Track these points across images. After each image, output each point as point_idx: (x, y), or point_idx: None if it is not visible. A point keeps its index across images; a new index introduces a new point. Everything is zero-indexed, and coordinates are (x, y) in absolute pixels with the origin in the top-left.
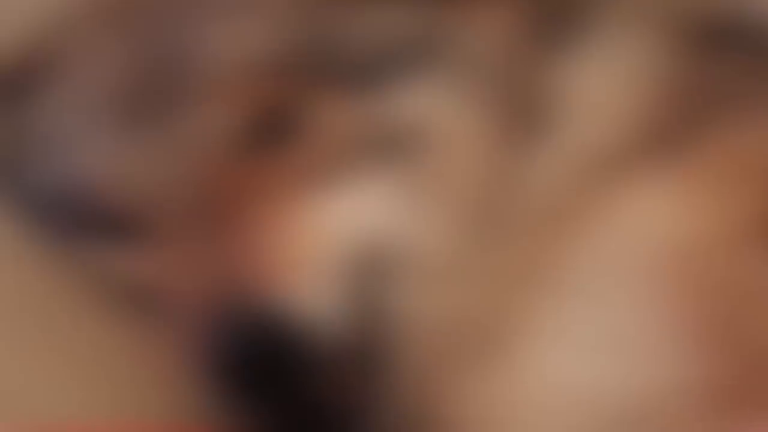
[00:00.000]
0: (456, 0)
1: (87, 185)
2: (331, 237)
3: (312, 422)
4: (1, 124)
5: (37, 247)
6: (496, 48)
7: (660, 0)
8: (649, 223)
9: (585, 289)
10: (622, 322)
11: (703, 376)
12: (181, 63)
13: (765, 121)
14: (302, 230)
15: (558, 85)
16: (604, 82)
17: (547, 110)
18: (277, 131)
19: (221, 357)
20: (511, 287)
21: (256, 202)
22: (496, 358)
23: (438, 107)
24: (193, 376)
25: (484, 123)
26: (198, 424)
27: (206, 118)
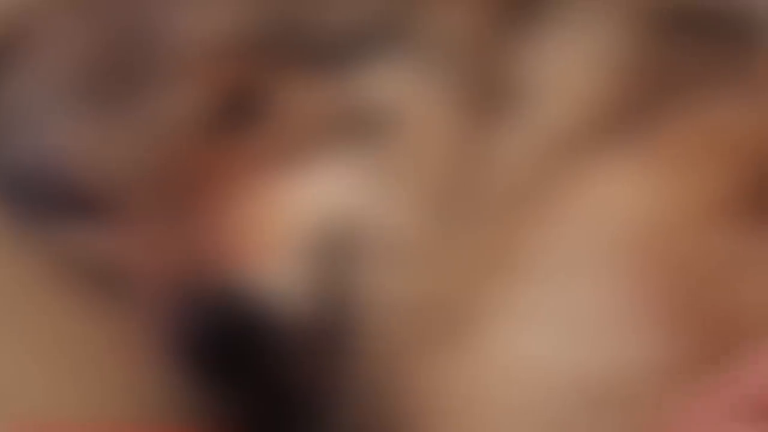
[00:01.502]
0: None
1: (53, 164)
2: (298, 218)
3: (279, 403)
4: None
5: (3, 229)
6: (462, 31)
7: None
8: (614, 203)
9: (552, 270)
10: (588, 301)
11: (668, 354)
12: (148, 43)
13: (728, 102)
14: (269, 211)
15: (524, 67)
16: (570, 64)
17: (513, 93)
18: (244, 112)
19: (188, 338)
20: (479, 268)
21: (223, 182)
22: (463, 339)
23: (405, 89)
24: (161, 362)
25: (450, 105)
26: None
27: (173, 98)
